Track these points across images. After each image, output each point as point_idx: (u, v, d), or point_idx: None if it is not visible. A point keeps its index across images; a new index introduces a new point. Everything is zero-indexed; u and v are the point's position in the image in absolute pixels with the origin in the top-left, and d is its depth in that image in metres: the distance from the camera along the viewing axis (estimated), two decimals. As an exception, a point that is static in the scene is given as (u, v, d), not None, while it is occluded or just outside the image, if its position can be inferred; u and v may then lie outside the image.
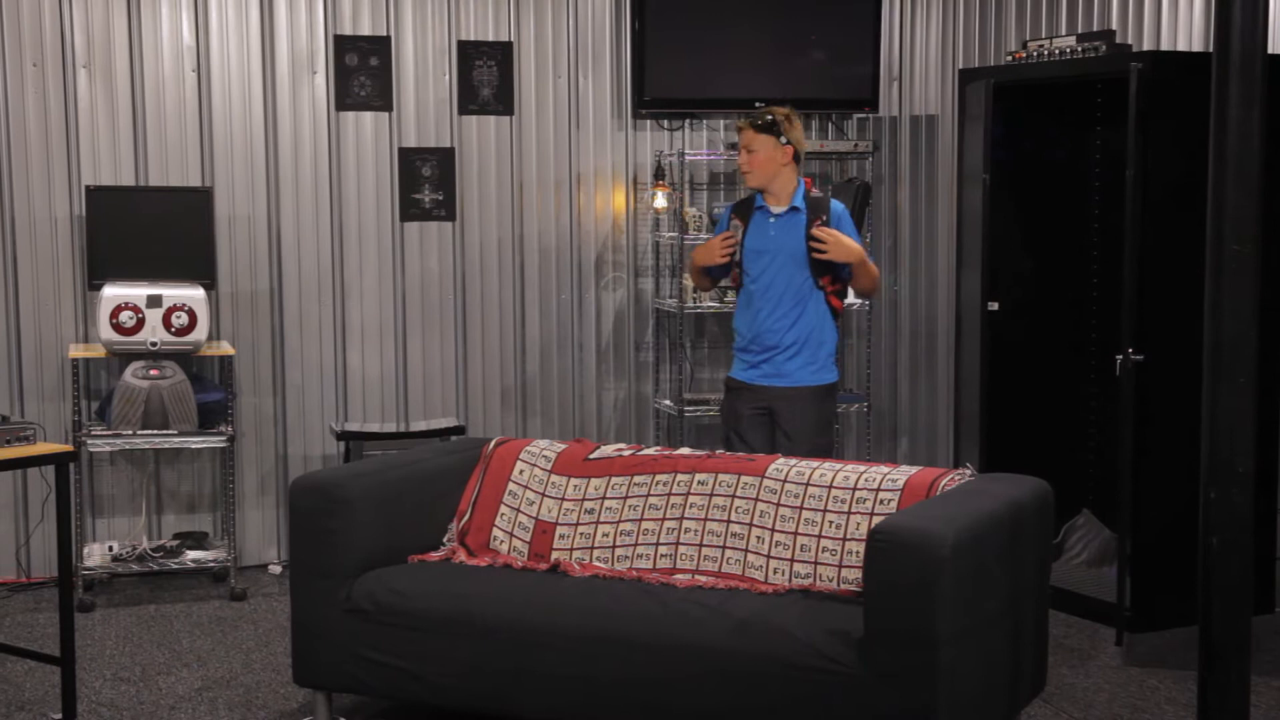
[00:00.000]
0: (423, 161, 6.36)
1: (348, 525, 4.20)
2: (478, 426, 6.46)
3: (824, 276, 5.05)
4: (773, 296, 5.06)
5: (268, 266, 6.22)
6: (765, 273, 5.08)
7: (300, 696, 4.53)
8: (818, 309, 5.06)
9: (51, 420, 5.90)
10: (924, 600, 3.46)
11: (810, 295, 5.05)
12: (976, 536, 3.64)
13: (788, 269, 5.04)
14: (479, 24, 6.39)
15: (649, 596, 3.94)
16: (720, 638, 3.71)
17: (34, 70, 5.89)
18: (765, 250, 5.08)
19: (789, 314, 5.04)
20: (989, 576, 3.75)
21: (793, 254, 5.03)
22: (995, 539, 3.78)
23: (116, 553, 5.83)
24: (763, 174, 5.06)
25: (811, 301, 5.05)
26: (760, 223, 5.11)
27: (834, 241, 4.96)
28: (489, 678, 3.97)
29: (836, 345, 5.17)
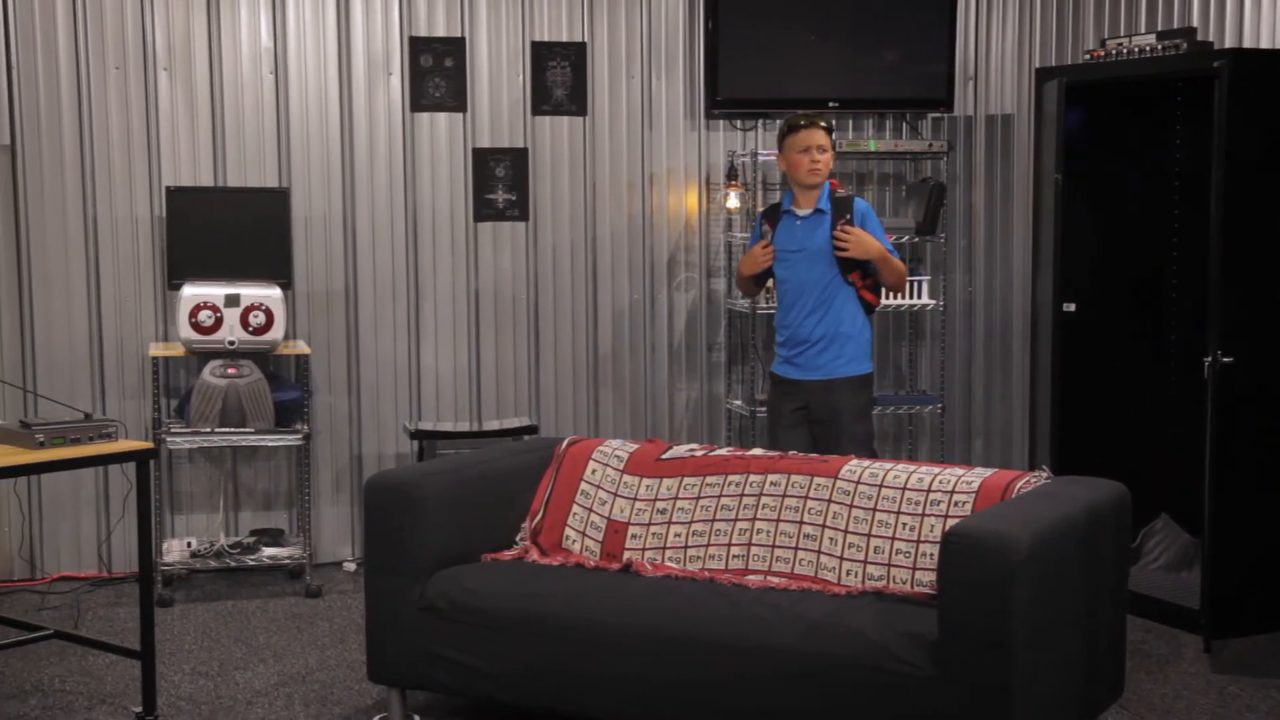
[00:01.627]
0: (496, 162, 6.40)
1: (421, 524, 4.23)
2: (550, 426, 6.49)
3: (853, 273, 5.23)
4: (802, 294, 5.27)
5: (343, 266, 6.28)
6: (794, 272, 5.31)
7: (374, 693, 4.57)
8: (846, 304, 5.24)
9: (132, 418, 5.99)
10: (999, 603, 3.42)
11: (838, 291, 5.24)
12: (1053, 539, 3.60)
13: (815, 267, 5.25)
14: (553, 25, 6.42)
15: (721, 597, 3.94)
16: (793, 639, 3.70)
17: (116, 73, 5.99)
18: (793, 251, 5.30)
19: (816, 310, 5.24)
20: (1065, 580, 3.71)
21: (818, 253, 5.25)
22: (1072, 542, 3.74)
23: (195, 549, 5.91)
24: (828, 172, 5.29)
25: (839, 297, 5.23)
26: (788, 225, 5.33)
27: (855, 240, 5.17)
28: (561, 677, 3.98)
29: (870, 338, 5.33)
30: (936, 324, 6.79)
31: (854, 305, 5.26)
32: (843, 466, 4.28)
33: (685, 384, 6.68)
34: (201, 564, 5.86)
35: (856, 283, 5.25)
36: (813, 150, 5.21)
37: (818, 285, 5.25)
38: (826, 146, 5.23)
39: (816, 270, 5.24)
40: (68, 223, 5.97)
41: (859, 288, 5.26)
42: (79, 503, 6.05)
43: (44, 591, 5.84)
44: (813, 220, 5.27)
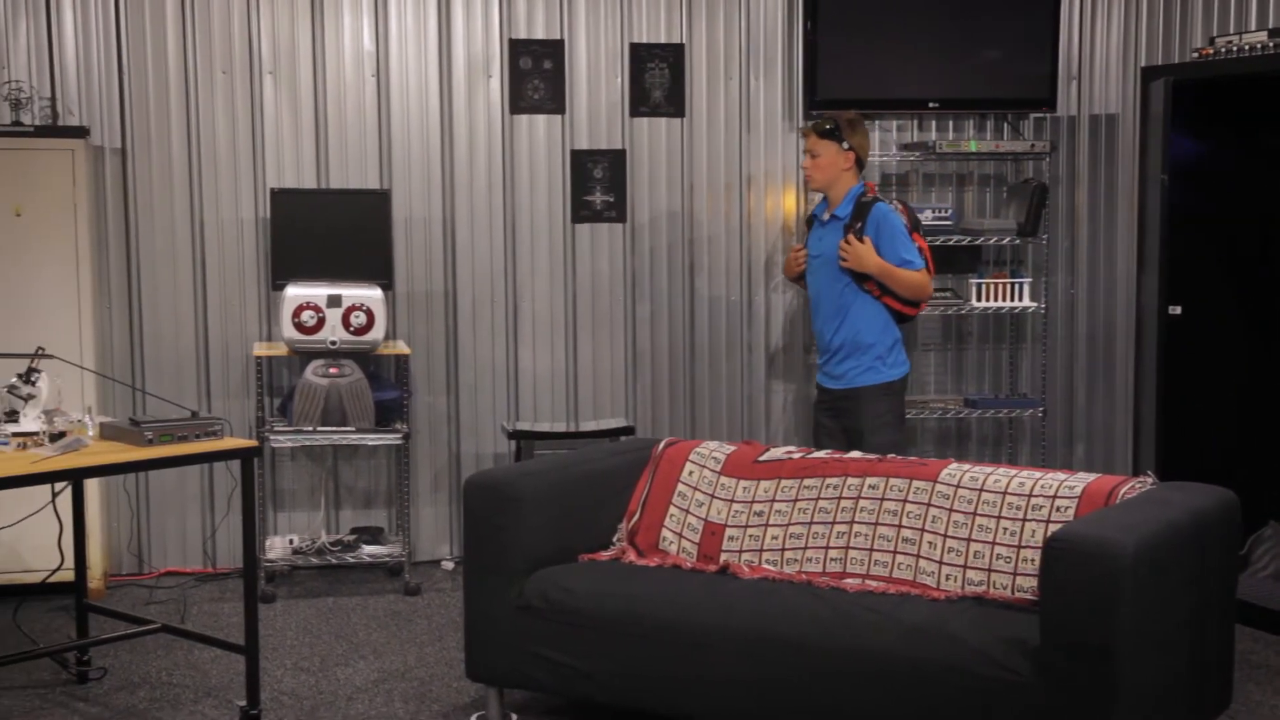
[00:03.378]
0: (594, 163, 6.42)
1: (519, 523, 4.25)
2: (646, 427, 6.50)
3: (867, 282, 5.19)
4: (821, 302, 5.32)
5: (443, 267, 6.33)
6: (815, 279, 5.36)
7: (473, 691, 4.60)
8: (863, 312, 5.21)
9: (236, 416, 6.09)
10: (1103, 610, 3.37)
11: (854, 299, 5.22)
12: (1158, 546, 3.54)
13: (831, 275, 5.26)
14: (651, 26, 6.43)
15: (819, 600, 3.92)
16: (891, 643, 3.67)
17: (223, 77, 6.09)
18: (814, 257, 5.35)
19: (833, 318, 5.27)
20: (1171, 588, 3.64)
21: (832, 260, 5.25)
22: (1178, 549, 3.67)
23: (297, 546, 6.00)
24: (823, 178, 5.28)
25: (856, 304, 5.21)
26: (816, 230, 5.38)
27: (851, 252, 5.15)
28: (657, 678, 3.99)
29: (894, 344, 5.26)
30: (1038, 326, 6.70)
31: (873, 312, 5.21)
32: (942, 470, 4.24)
33: (782, 385, 6.66)
34: (303, 561, 5.95)
35: (873, 291, 5.21)
36: (806, 155, 5.30)
37: (833, 292, 5.25)
38: (817, 152, 5.26)
39: (832, 277, 5.26)
40: (175, 224, 6.09)
41: (878, 295, 5.21)
42: (185, 499, 6.17)
43: (151, 586, 5.96)
44: (832, 226, 5.27)
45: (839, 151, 5.24)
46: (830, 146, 5.25)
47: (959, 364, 6.80)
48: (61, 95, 5.94)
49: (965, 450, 6.76)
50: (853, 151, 5.26)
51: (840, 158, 5.25)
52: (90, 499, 5.27)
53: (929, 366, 6.77)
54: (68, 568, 4.95)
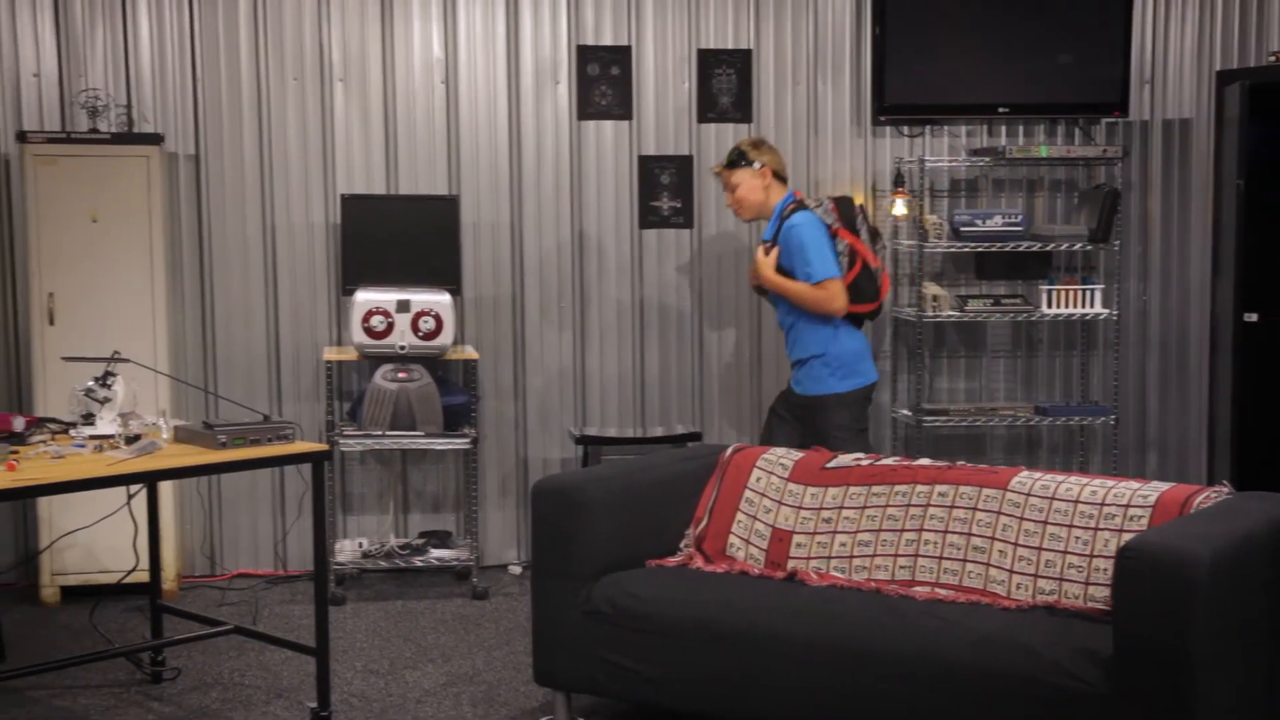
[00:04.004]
0: (662, 169, 6.43)
1: (587, 529, 4.26)
2: (714, 433, 6.49)
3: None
4: (777, 314, 5.41)
5: (510, 273, 6.36)
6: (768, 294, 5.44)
7: (540, 695, 4.62)
8: (808, 325, 5.25)
9: (306, 420, 6.15)
10: (1178, 621, 3.33)
11: (799, 314, 5.26)
12: (1234, 556, 3.49)
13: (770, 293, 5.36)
14: (718, 32, 6.42)
15: (887, 608, 3.90)
16: (961, 652, 3.64)
17: (294, 84, 6.16)
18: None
19: (787, 331, 5.36)
20: (1248, 599, 3.59)
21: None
22: (1255, 560, 3.62)
23: (366, 549, 6.04)
24: (750, 205, 5.36)
25: (801, 319, 5.26)
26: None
27: (753, 269, 5.30)
28: (725, 684, 3.98)
29: (843, 354, 5.26)
30: (1110, 333, 6.63)
31: (818, 324, 5.23)
32: (1013, 478, 4.21)
33: (850, 392, 6.62)
34: (372, 564, 5.99)
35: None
36: (726, 193, 5.41)
37: (780, 306, 5.34)
38: (733, 184, 5.35)
39: (771, 295, 5.35)
40: (247, 230, 6.16)
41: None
42: (256, 502, 6.23)
43: (224, 588, 6.03)
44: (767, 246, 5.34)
45: (754, 174, 5.31)
46: (743, 174, 5.32)
47: (1029, 371, 6.74)
48: (137, 103, 6.02)
49: (1035, 458, 6.70)
50: (767, 168, 5.31)
51: (757, 179, 5.30)
52: (164, 501, 5.34)
53: (998, 373, 6.72)
54: (142, 569, 5.02)
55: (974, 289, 6.61)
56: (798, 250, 5.18)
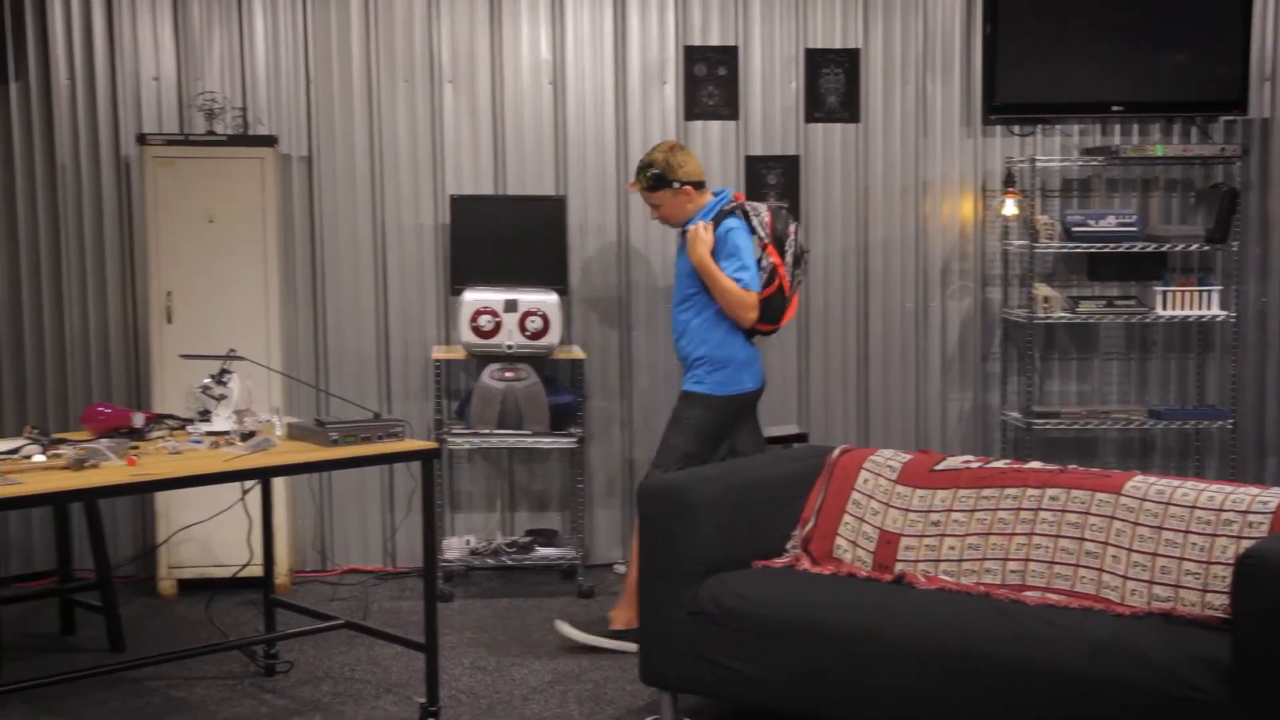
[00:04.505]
0: (768, 169, 6.41)
1: (693, 529, 4.26)
2: (820, 434, 6.45)
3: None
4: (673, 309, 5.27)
5: (617, 272, 6.38)
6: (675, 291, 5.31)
7: (646, 695, 4.63)
8: (699, 328, 5.13)
9: (415, 418, 6.21)
10: (1299, 631, 3.25)
11: (694, 317, 5.14)
12: (1359, 565, 3.40)
13: (680, 285, 5.24)
14: (826, 31, 6.39)
15: (998, 613, 3.85)
16: (1074, 659, 3.58)
17: (404, 86, 6.23)
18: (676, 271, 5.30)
19: (675, 328, 5.24)
20: (1373, 609, 3.50)
21: (681, 274, 5.20)
22: (1380, 569, 3.52)
23: (473, 546, 6.09)
24: (677, 218, 5.22)
25: (694, 322, 5.14)
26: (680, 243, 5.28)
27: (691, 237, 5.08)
28: (831, 686, 3.96)
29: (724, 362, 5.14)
30: (1227, 336, 6.49)
31: (708, 328, 5.13)
32: (1126, 482, 4.13)
33: (958, 394, 6.56)
34: (479, 561, 6.04)
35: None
36: (650, 210, 5.30)
37: (679, 307, 5.21)
38: (656, 202, 5.21)
39: (680, 288, 5.23)
40: (358, 230, 6.24)
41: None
42: (366, 499, 6.32)
43: (334, 583, 6.12)
44: (682, 240, 5.22)
45: (675, 192, 5.19)
46: (664, 194, 5.21)
47: (1142, 373, 6.62)
48: (252, 105, 6.13)
49: (1149, 463, 6.57)
50: (687, 186, 5.19)
51: (680, 196, 5.19)
52: (277, 497, 5.43)
53: (1111, 376, 6.60)
54: (256, 563, 5.11)
55: (1086, 290, 6.50)
56: (731, 253, 5.08)
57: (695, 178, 5.21)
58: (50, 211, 6.11)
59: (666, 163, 5.17)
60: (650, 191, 5.21)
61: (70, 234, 6.12)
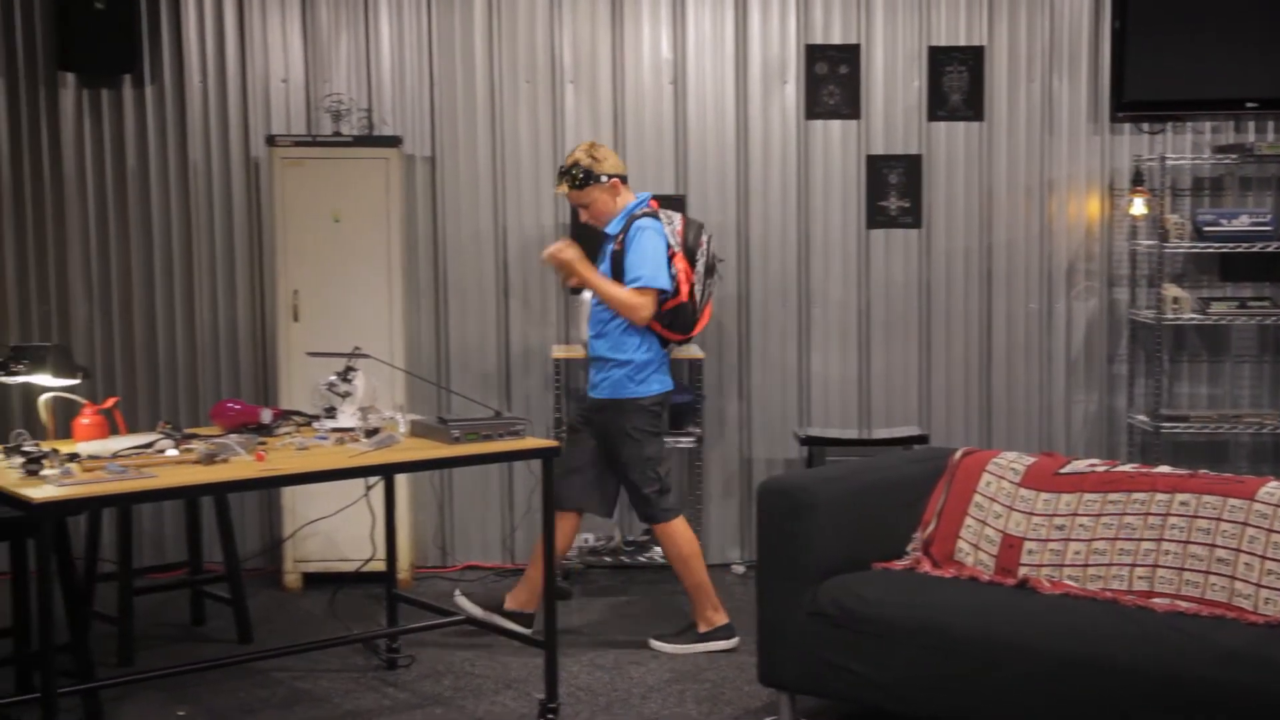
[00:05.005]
0: (890, 169, 6.35)
1: (813, 530, 4.24)
2: (940, 436, 6.39)
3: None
4: (590, 312, 5.25)
5: (736, 272, 6.37)
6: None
7: (764, 695, 4.61)
8: (622, 331, 5.10)
9: (535, 416, 6.25)
10: None
11: (614, 316, 5.09)
12: None
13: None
14: (950, 29, 6.32)
15: (1125, 619, 3.78)
16: (1206, 668, 3.50)
17: (527, 86, 6.28)
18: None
19: (593, 328, 5.20)
20: None
21: (604, 273, 5.13)
22: None
23: (592, 545, 6.12)
24: (607, 214, 5.18)
25: (614, 321, 5.10)
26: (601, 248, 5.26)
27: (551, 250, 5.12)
28: (953, 690, 3.91)
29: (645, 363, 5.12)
30: (1364, 338, 6.31)
31: (630, 333, 5.09)
32: (1260, 488, 4.03)
33: (1084, 396, 6.45)
34: (597, 559, 6.06)
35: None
36: (579, 210, 5.24)
37: (598, 306, 5.17)
38: (584, 202, 5.17)
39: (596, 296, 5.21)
40: (480, 229, 6.31)
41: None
42: (487, 496, 6.38)
43: (455, 579, 6.19)
44: (604, 245, 5.22)
45: (604, 189, 5.15)
46: (591, 191, 5.16)
47: (1276, 377, 6.45)
48: (377, 106, 6.23)
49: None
50: (615, 179, 5.15)
51: (607, 192, 5.16)
52: (399, 493, 5.50)
53: (1243, 379, 6.44)
54: (379, 558, 5.19)
55: (1217, 291, 6.36)
56: (636, 251, 5.06)
57: (620, 171, 5.23)
58: (183, 211, 6.26)
59: (590, 159, 5.18)
60: (580, 191, 5.17)
61: (201, 233, 6.27)
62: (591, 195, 5.16)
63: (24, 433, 4.06)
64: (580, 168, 5.15)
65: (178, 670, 4.61)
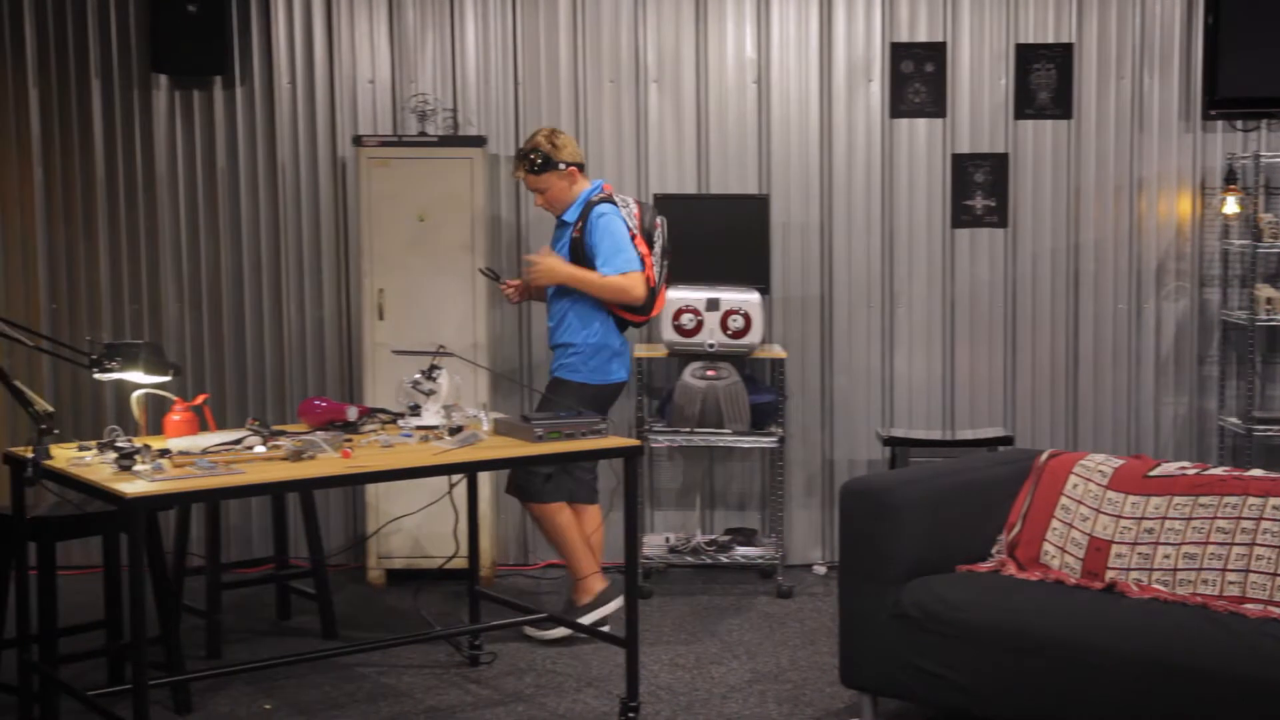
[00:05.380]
0: (975, 167, 6.29)
1: (897, 531, 4.21)
2: (1025, 437, 6.32)
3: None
4: (550, 301, 5.30)
5: (819, 272, 6.34)
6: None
7: (846, 697, 4.59)
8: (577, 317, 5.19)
9: (616, 415, 6.22)
10: None
11: (572, 305, 5.19)
12: None
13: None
14: (1038, 26, 6.25)
15: (1216, 625, 3.71)
16: (1299, 676, 3.44)
17: (610, 86, 6.29)
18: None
19: (553, 318, 5.27)
20: None
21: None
22: None
23: (672, 544, 6.12)
24: (560, 203, 5.25)
25: (572, 310, 5.20)
26: (555, 233, 5.36)
27: (537, 270, 5.16)
28: (1038, 695, 3.87)
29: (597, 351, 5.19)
30: None
31: (587, 318, 5.18)
32: (1356, 493, 3.95)
33: (1173, 398, 6.35)
34: (678, 559, 6.06)
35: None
36: (535, 195, 5.29)
37: (558, 295, 5.22)
38: (541, 187, 5.21)
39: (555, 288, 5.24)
40: (563, 229, 6.33)
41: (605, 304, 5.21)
42: (567, 494, 6.39)
43: (537, 577, 6.22)
44: (563, 230, 5.26)
45: (560, 175, 5.18)
46: (549, 178, 5.18)
47: (1372, 379, 6.32)
48: (462, 106, 6.27)
49: (1378, 472, 6.27)
50: (572, 166, 5.18)
51: (565, 179, 5.19)
52: (482, 491, 5.53)
53: (1337, 381, 6.33)
54: (461, 556, 5.22)
55: (1313, 292, 6.24)
56: (608, 238, 5.11)
57: (578, 159, 5.28)
58: (271, 210, 6.35)
59: (550, 145, 5.21)
60: (536, 175, 5.22)
61: (289, 232, 6.34)
62: (548, 181, 5.22)
63: (117, 429, 4.13)
64: (540, 153, 5.21)
65: (265, 664, 4.67)
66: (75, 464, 3.95)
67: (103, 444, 4.05)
